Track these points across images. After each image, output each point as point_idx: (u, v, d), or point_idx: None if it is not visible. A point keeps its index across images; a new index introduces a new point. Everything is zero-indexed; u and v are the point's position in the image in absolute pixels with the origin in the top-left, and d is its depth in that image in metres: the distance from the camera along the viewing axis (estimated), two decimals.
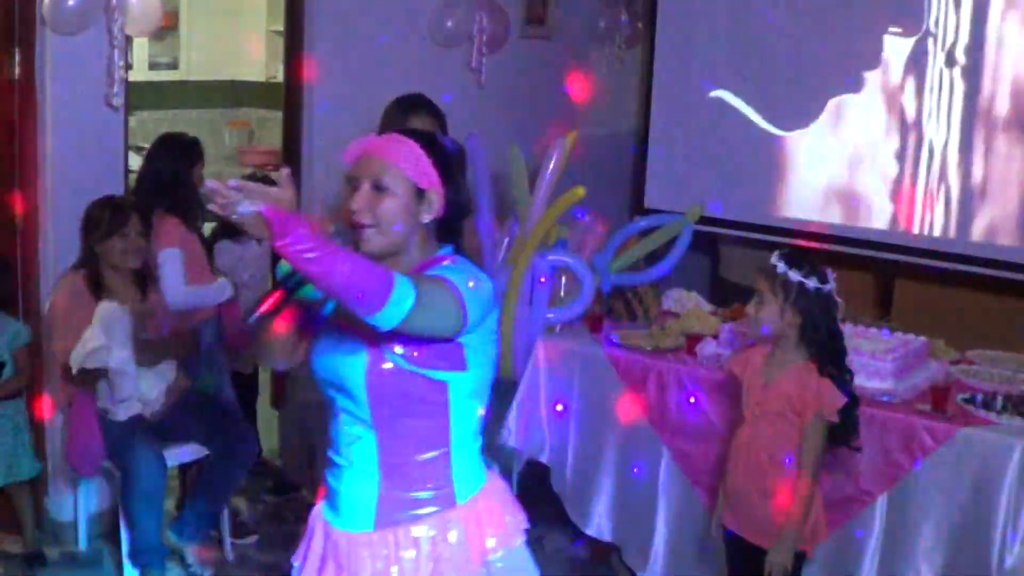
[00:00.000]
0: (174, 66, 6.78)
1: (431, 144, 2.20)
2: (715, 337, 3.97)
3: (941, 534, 3.37)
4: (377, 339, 2.10)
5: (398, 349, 2.11)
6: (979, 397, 3.50)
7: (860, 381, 3.55)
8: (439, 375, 2.14)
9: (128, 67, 4.17)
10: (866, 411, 3.42)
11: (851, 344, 3.64)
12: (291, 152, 4.89)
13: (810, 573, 3.48)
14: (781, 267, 2.93)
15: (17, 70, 3.93)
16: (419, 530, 2.18)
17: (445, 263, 2.17)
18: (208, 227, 4.61)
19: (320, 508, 2.31)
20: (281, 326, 2.18)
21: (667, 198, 5.66)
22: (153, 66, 6.62)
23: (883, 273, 5.37)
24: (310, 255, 1.86)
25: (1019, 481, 3.24)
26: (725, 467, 3.19)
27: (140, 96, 5.89)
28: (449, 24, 5.10)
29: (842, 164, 5.29)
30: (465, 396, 2.19)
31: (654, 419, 3.86)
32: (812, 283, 2.92)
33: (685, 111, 5.71)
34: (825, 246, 5.16)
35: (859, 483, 3.45)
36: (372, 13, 4.91)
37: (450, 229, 2.25)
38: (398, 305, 1.93)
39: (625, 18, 5.98)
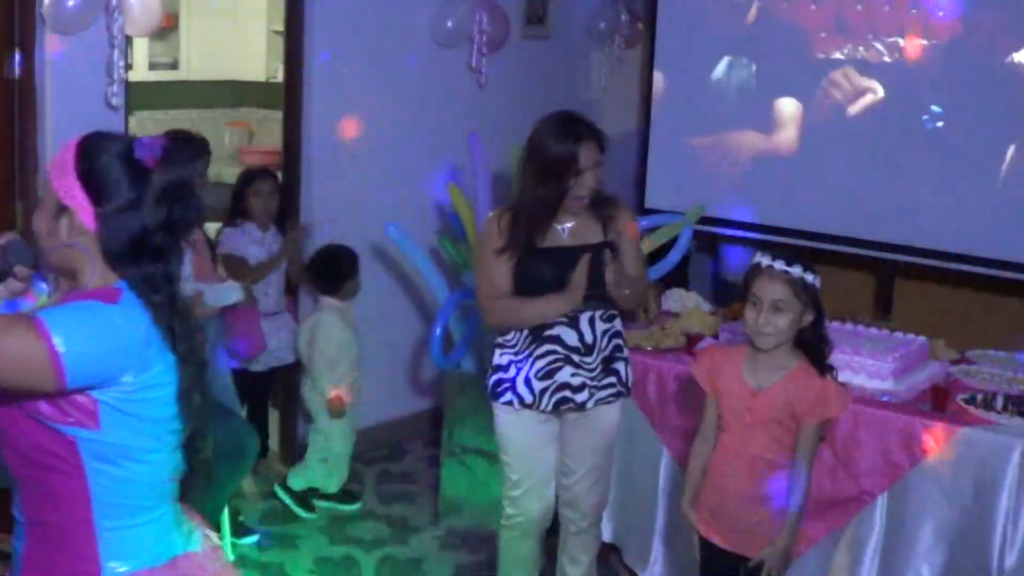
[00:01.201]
0: (174, 66, 6.77)
1: (86, 150, 1.89)
2: (715, 337, 3.97)
3: (941, 534, 3.37)
4: None
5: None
6: (979, 397, 3.51)
7: (860, 381, 3.56)
8: (67, 430, 1.83)
9: (128, 67, 4.18)
10: (866, 411, 3.42)
11: (851, 344, 3.65)
12: (291, 152, 4.89)
13: (810, 573, 3.48)
14: (797, 270, 2.84)
15: (17, 70, 3.93)
16: None
17: (76, 300, 1.84)
18: (212, 227, 4.61)
19: None
20: None
21: (667, 198, 5.66)
22: (153, 66, 6.61)
23: (883, 273, 5.37)
24: None
25: (1019, 481, 3.24)
26: (697, 478, 3.07)
27: (140, 96, 5.89)
28: (449, 24, 5.10)
29: (842, 164, 5.28)
30: (100, 458, 1.85)
31: (654, 419, 3.86)
32: (818, 282, 2.89)
33: (685, 111, 5.71)
34: (825, 246, 5.16)
35: (859, 483, 3.45)
36: (372, 13, 4.91)
37: (126, 259, 1.87)
38: None
39: (625, 18, 5.98)
